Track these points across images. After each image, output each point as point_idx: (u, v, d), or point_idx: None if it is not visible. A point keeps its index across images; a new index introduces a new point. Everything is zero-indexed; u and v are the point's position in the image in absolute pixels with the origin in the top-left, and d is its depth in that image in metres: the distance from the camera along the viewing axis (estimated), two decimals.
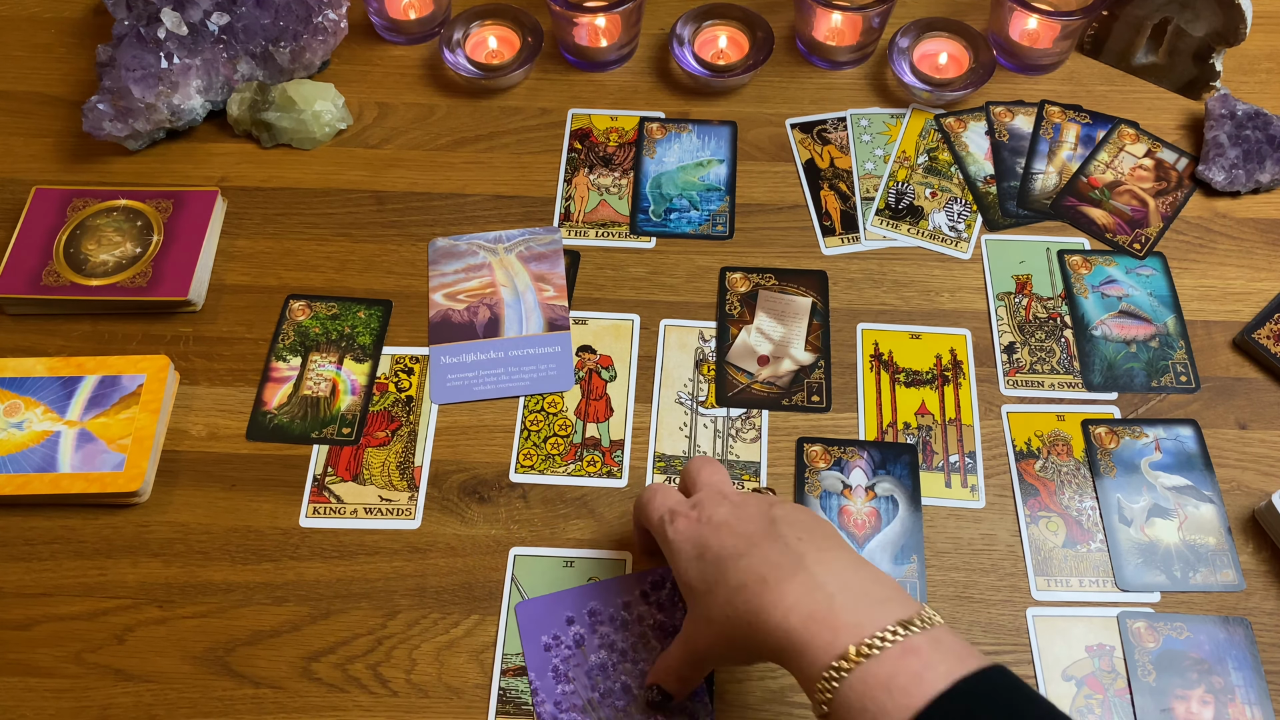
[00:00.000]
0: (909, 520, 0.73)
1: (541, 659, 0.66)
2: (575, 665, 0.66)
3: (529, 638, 0.67)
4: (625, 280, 0.84)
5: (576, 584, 0.70)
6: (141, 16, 0.87)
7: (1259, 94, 0.93)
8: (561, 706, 0.65)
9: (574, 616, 0.68)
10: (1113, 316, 0.82)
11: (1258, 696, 0.67)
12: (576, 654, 0.66)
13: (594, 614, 0.68)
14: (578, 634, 0.67)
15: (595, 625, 0.67)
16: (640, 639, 0.67)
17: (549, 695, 0.65)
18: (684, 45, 0.94)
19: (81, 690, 0.68)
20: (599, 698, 0.65)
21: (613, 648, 0.66)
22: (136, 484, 0.73)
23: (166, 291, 0.81)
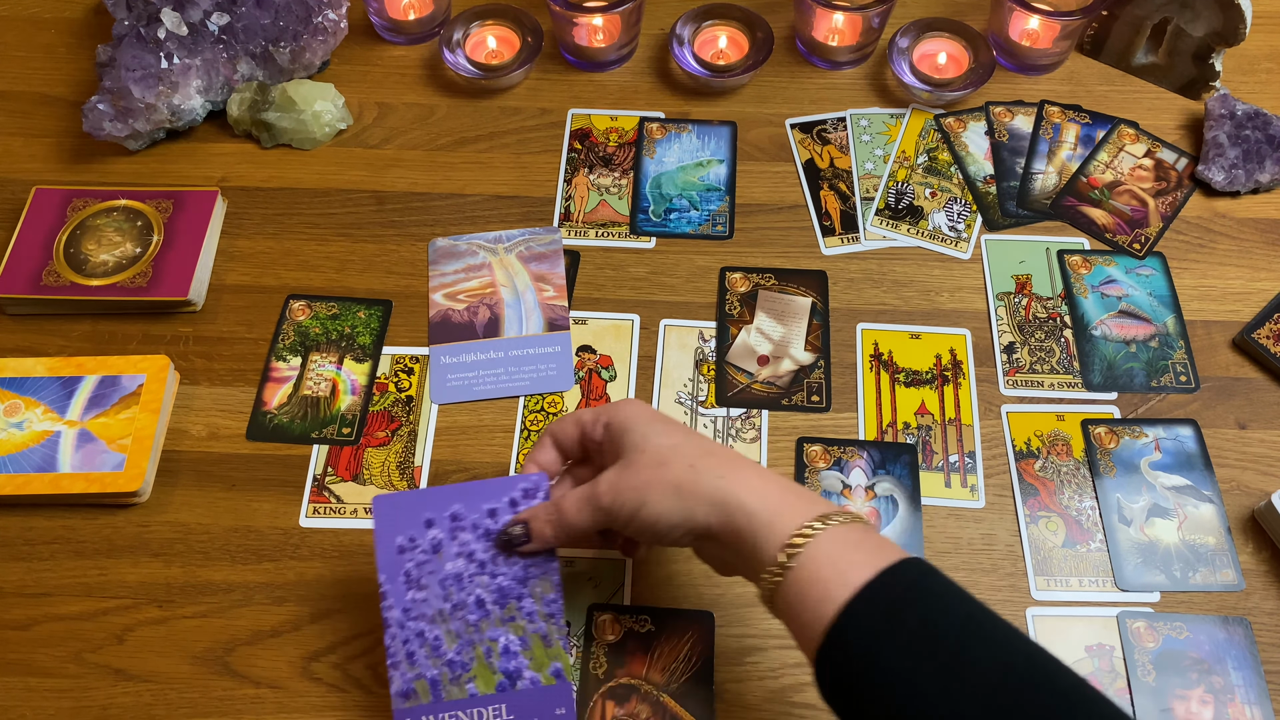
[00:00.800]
0: (909, 520, 0.73)
1: (394, 561, 0.62)
2: (429, 572, 0.62)
3: (383, 536, 0.63)
4: (625, 280, 0.84)
5: (575, 584, 0.70)
6: (141, 16, 0.87)
7: (1259, 94, 0.93)
8: (410, 614, 0.62)
9: (434, 519, 0.63)
10: (1112, 316, 0.82)
11: (1257, 696, 0.67)
12: (432, 560, 0.62)
13: (456, 519, 0.63)
14: (435, 539, 0.63)
15: (455, 532, 0.63)
16: (502, 552, 0.63)
17: (398, 601, 0.62)
18: (684, 45, 0.94)
19: (81, 690, 0.68)
20: (450, 609, 0.61)
21: (471, 557, 0.62)
22: (136, 484, 0.73)
23: (166, 291, 0.81)
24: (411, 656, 0.61)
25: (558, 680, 0.62)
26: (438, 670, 0.61)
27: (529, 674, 0.62)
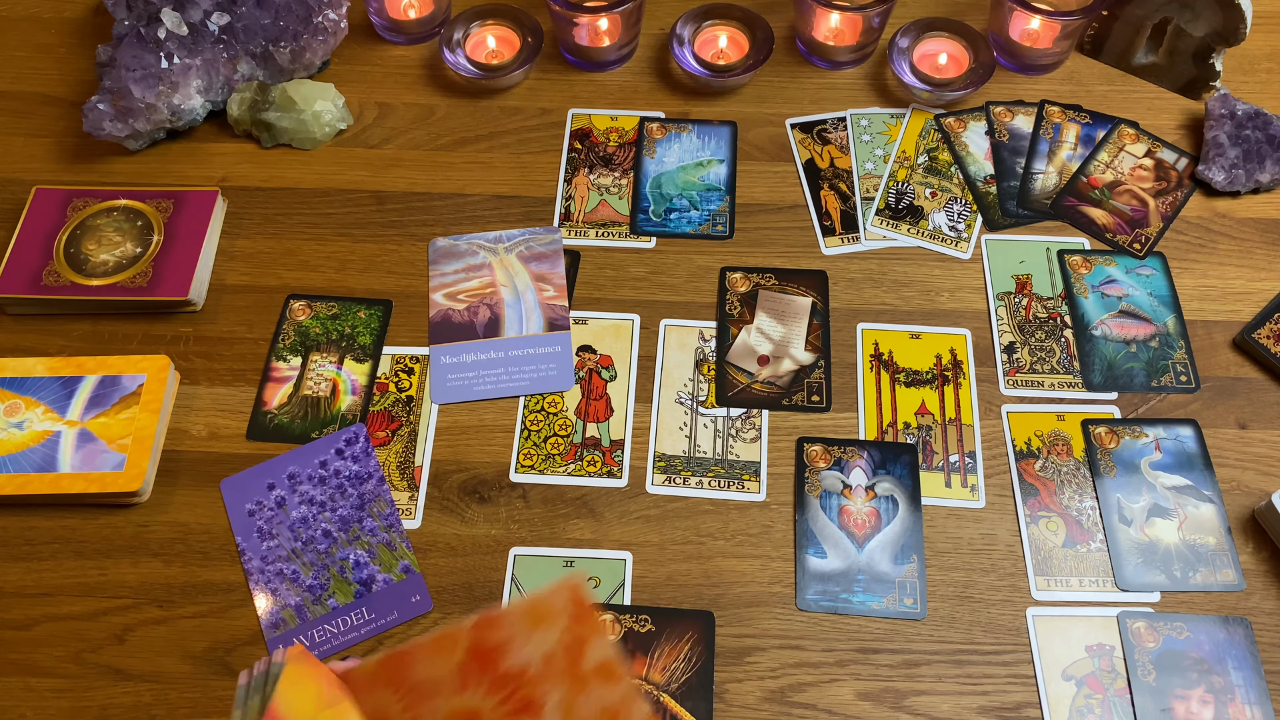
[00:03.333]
0: (909, 520, 0.73)
1: (246, 524, 0.72)
2: (278, 523, 0.72)
3: (233, 509, 0.72)
4: (625, 280, 0.84)
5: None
6: (142, 16, 0.87)
7: (1259, 94, 0.93)
8: (268, 560, 0.71)
9: (275, 482, 0.73)
10: (1113, 316, 0.82)
11: (1258, 696, 0.67)
12: (279, 513, 0.72)
13: (293, 476, 0.74)
14: (279, 496, 0.73)
15: (295, 486, 0.73)
16: (338, 490, 0.73)
17: (255, 552, 0.71)
18: (684, 45, 0.94)
19: (81, 690, 0.68)
20: (301, 545, 0.71)
21: (312, 502, 0.73)
22: (136, 484, 0.73)
23: (167, 291, 0.81)
24: (275, 593, 0.70)
25: (408, 575, 0.71)
26: (299, 597, 0.70)
27: (381, 576, 0.71)
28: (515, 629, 0.46)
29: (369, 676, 0.46)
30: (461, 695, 0.46)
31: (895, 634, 0.69)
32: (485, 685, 0.46)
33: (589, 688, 0.47)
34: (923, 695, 0.67)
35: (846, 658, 0.69)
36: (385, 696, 0.46)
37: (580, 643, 0.47)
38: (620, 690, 0.47)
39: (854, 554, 0.72)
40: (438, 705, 0.46)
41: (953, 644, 0.69)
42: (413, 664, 0.46)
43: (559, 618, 0.47)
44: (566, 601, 0.47)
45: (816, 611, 0.70)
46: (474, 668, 0.46)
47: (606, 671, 0.47)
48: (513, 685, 0.46)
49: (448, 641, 0.46)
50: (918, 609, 0.70)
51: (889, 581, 0.71)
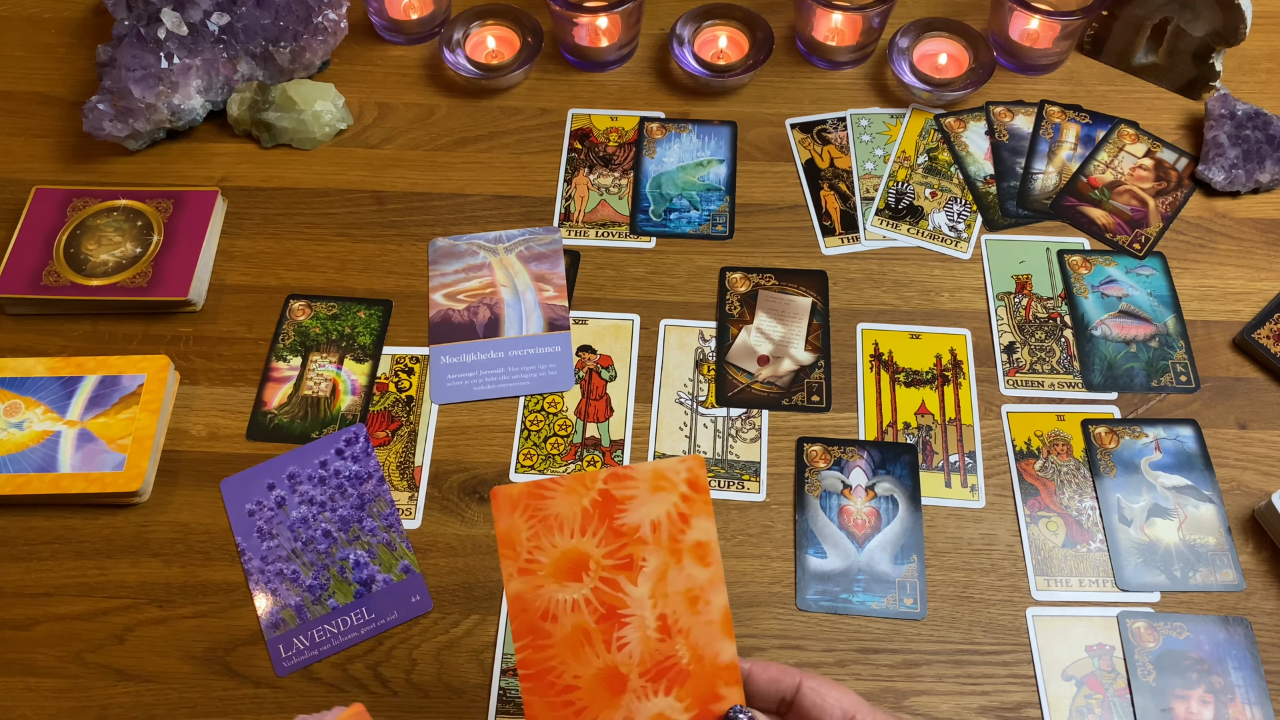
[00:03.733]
0: (909, 520, 0.73)
1: (246, 524, 0.72)
2: (278, 523, 0.72)
3: (233, 509, 0.72)
4: (625, 280, 0.84)
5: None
6: (141, 16, 0.87)
7: (1259, 94, 0.93)
8: (268, 560, 0.71)
9: (275, 482, 0.73)
10: (1113, 316, 0.82)
11: (1258, 696, 0.67)
12: (279, 513, 0.72)
13: (293, 476, 0.74)
14: (279, 496, 0.73)
15: (295, 486, 0.73)
16: (338, 490, 0.73)
17: (255, 552, 0.71)
18: (684, 45, 0.94)
19: (81, 690, 0.68)
20: (301, 545, 0.71)
21: (312, 502, 0.73)
22: (136, 484, 0.73)
23: (166, 291, 0.81)
24: (275, 593, 0.70)
25: (408, 575, 0.71)
26: (299, 597, 0.70)
27: (381, 576, 0.71)
28: (638, 487, 0.51)
29: (514, 497, 0.50)
30: (579, 538, 0.50)
31: (895, 634, 0.69)
32: (600, 534, 0.50)
33: (682, 562, 0.51)
34: (923, 695, 0.67)
35: (846, 658, 0.69)
36: (519, 520, 0.51)
37: (685, 518, 0.51)
38: (708, 574, 0.51)
39: (854, 554, 0.72)
40: (556, 541, 0.50)
41: (953, 644, 0.69)
42: (551, 496, 0.50)
43: (675, 488, 0.51)
44: (685, 475, 0.51)
45: (816, 611, 0.70)
46: (595, 514, 0.51)
47: (701, 552, 0.51)
48: (623, 540, 0.50)
49: (583, 482, 0.51)
50: (918, 609, 0.70)
51: (889, 581, 0.71)
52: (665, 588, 0.50)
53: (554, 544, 0.49)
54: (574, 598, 0.50)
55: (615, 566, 0.50)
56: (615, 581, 0.50)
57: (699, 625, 0.50)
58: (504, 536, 0.50)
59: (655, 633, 0.50)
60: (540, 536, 0.49)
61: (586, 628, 0.50)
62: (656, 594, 0.50)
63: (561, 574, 0.50)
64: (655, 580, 0.50)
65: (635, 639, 0.50)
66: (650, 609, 0.50)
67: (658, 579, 0.50)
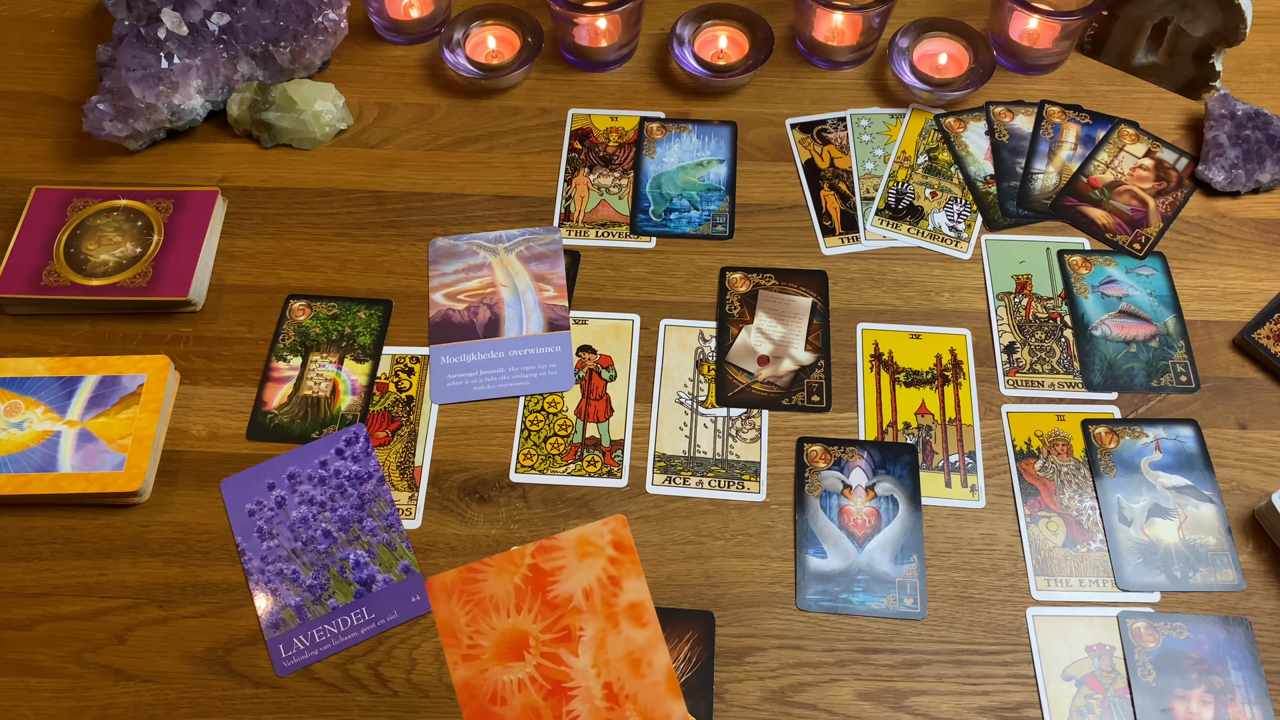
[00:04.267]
0: (909, 520, 0.73)
1: (246, 524, 0.72)
2: (278, 523, 0.72)
3: (234, 509, 0.73)
4: (625, 280, 0.84)
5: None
6: (142, 16, 0.87)
7: (1259, 94, 0.93)
8: (268, 560, 0.71)
9: (275, 482, 0.73)
10: (1113, 316, 0.82)
11: (1258, 696, 0.67)
12: (279, 513, 0.72)
13: (293, 476, 0.74)
14: (279, 496, 0.73)
15: (295, 486, 0.73)
16: (338, 490, 0.73)
17: (255, 552, 0.71)
18: (684, 45, 0.94)
19: (81, 690, 0.68)
20: (301, 545, 0.71)
21: (312, 502, 0.73)
22: (136, 484, 0.73)
23: (167, 291, 0.81)
24: (275, 593, 0.70)
25: (408, 575, 0.70)
26: (299, 597, 0.70)
27: (381, 576, 0.70)
28: (566, 556, 0.51)
29: (448, 585, 0.52)
30: (516, 616, 0.52)
31: (895, 634, 0.69)
32: (536, 609, 0.52)
33: (619, 626, 0.52)
34: (923, 695, 0.67)
35: (846, 658, 0.69)
36: (456, 607, 0.52)
37: (616, 581, 0.52)
38: (646, 635, 0.52)
39: (854, 554, 0.72)
40: (494, 623, 0.51)
41: (953, 644, 0.69)
42: (483, 579, 0.52)
43: (602, 551, 0.53)
44: (609, 537, 0.51)
45: (816, 611, 0.70)
46: (528, 590, 0.52)
47: (636, 613, 0.52)
48: (558, 612, 0.51)
49: (512, 560, 0.53)
50: (918, 609, 0.70)
51: (889, 581, 0.71)
52: (606, 654, 0.50)
53: (492, 626, 0.50)
54: (519, 677, 0.50)
55: (554, 640, 0.50)
56: (556, 655, 0.50)
57: (645, 688, 0.51)
58: (444, 625, 0.50)
59: (603, 702, 0.51)
60: (478, 620, 0.50)
61: (535, 706, 0.50)
62: (599, 662, 0.51)
63: (503, 655, 0.50)
64: (595, 648, 0.50)
65: (584, 711, 0.50)
66: (595, 678, 0.50)
67: (598, 646, 0.50)
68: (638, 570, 0.50)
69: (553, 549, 0.49)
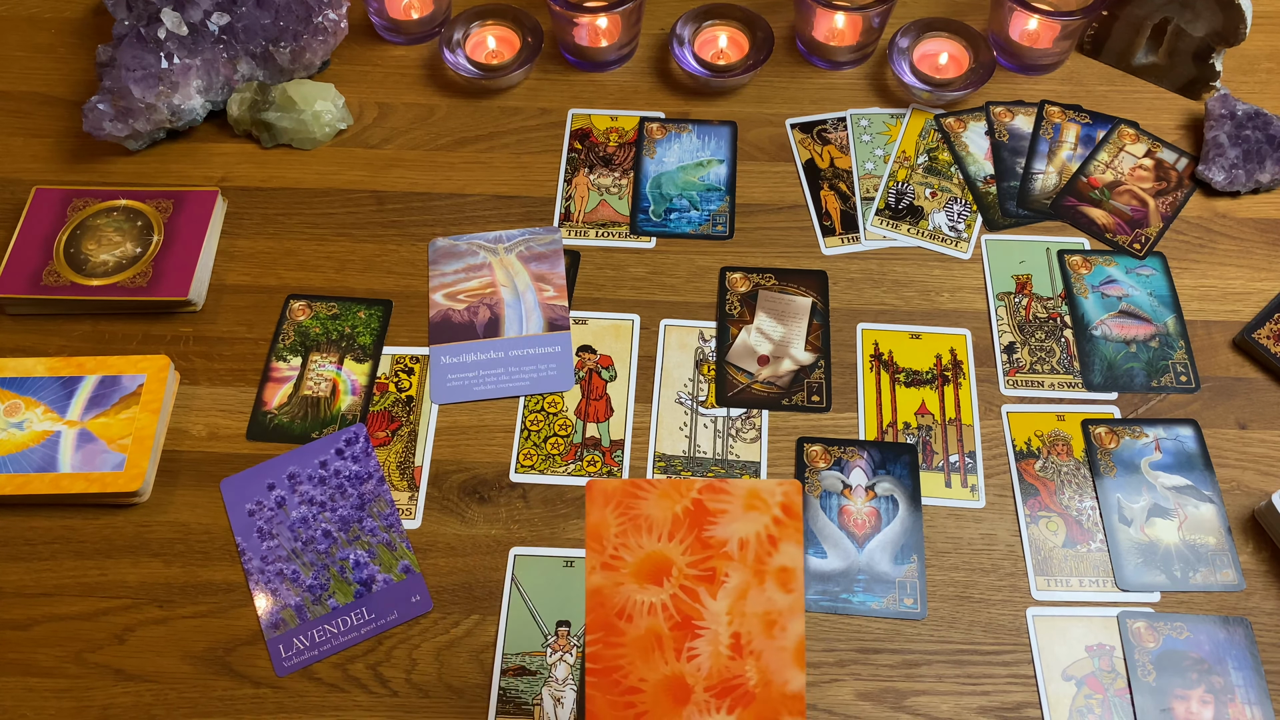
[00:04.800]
0: (909, 520, 0.73)
1: (246, 524, 0.72)
2: (278, 523, 0.72)
3: (234, 509, 0.73)
4: (625, 280, 0.84)
5: (578, 586, 0.70)
6: (141, 16, 0.87)
7: (1259, 94, 0.93)
8: (268, 560, 0.71)
9: (275, 482, 0.73)
10: (1113, 316, 0.82)
11: (1258, 696, 0.67)
12: (279, 513, 0.72)
13: (293, 476, 0.74)
14: (279, 496, 0.73)
15: (295, 486, 0.73)
16: (338, 490, 0.73)
17: (255, 552, 0.71)
18: (684, 45, 0.94)
19: (81, 690, 0.68)
20: (301, 545, 0.71)
21: (312, 502, 0.73)
22: (136, 484, 0.73)
23: (166, 291, 0.81)
24: (275, 593, 0.70)
25: (408, 575, 0.71)
26: (299, 597, 0.70)
27: (381, 576, 0.71)
28: (732, 502, 0.51)
29: (609, 492, 0.51)
30: (667, 543, 0.50)
31: (895, 634, 0.69)
32: (688, 543, 0.51)
33: (765, 584, 0.51)
34: (923, 695, 0.67)
35: (846, 658, 0.69)
36: (610, 515, 0.51)
37: (774, 541, 0.51)
38: (789, 600, 0.51)
39: (854, 554, 0.72)
40: (643, 542, 0.50)
41: (953, 644, 0.69)
42: (645, 497, 0.51)
43: (769, 509, 0.51)
44: (780, 498, 0.51)
45: (816, 611, 0.70)
46: (686, 522, 0.51)
47: (785, 577, 0.51)
48: (709, 552, 0.51)
49: (678, 489, 0.51)
50: (918, 609, 0.70)
51: (889, 581, 0.71)
52: (744, 607, 0.50)
53: (640, 544, 0.49)
54: (652, 600, 0.50)
55: (697, 577, 0.50)
56: (695, 592, 0.50)
57: (772, 650, 0.50)
58: (593, 529, 0.50)
59: (727, 650, 0.50)
60: (628, 535, 0.49)
61: (660, 633, 0.50)
62: (734, 611, 0.50)
63: (643, 575, 0.50)
64: (735, 598, 0.50)
65: (706, 652, 0.50)
66: (725, 625, 0.50)
67: (737, 596, 0.50)
68: (798, 538, 0.50)
69: (721, 491, 0.49)
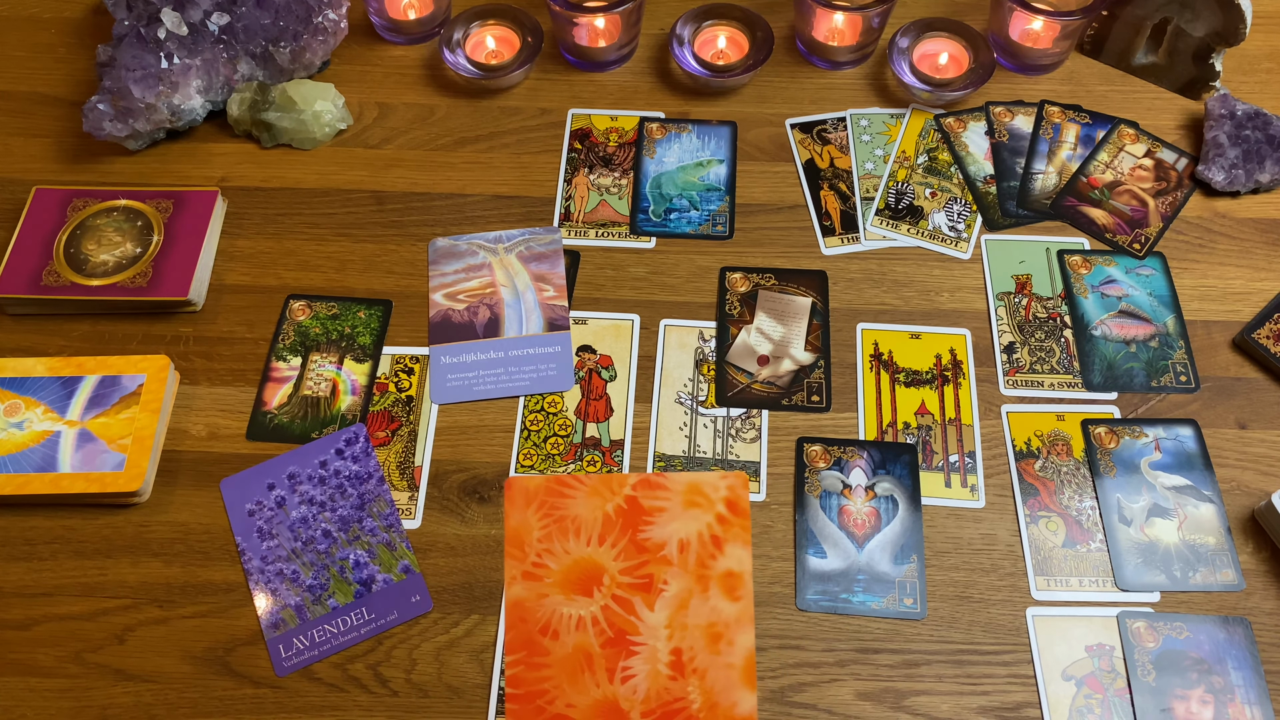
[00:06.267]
0: (909, 520, 0.73)
1: (246, 524, 0.72)
2: (278, 523, 0.72)
3: (234, 509, 0.72)
4: (625, 280, 0.84)
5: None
6: (141, 16, 0.87)
7: (1259, 94, 0.93)
8: (268, 560, 0.71)
9: (275, 482, 0.73)
10: (1113, 316, 0.82)
11: (1257, 696, 0.67)
12: (279, 513, 0.72)
13: (293, 476, 0.74)
14: (279, 496, 0.73)
15: (295, 486, 0.73)
16: (338, 490, 0.73)
17: (255, 552, 0.71)
18: (684, 45, 0.94)
19: (81, 690, 0.68)
20: (301, 545, 0.71)
21: (312, 502, 0.73)
22: (136, 484, 0.73)
23: (167, 291, 0.81)
24: (275, 593, 0.70)
25: (408, 575, 0.70)
26: (299, 597, 0.70)
27: (381, 576, 0.70)
28: (670, 499, 0.46)
29: (531, 491, 0.46)
30: (597, 547, 0.46)
31: (895, 634, 0.69)
32: (621, 547, 0.46)
33: (709, 592, 0.46)
34: (923, 695, 0.67)
35: (846, 658, 0.69)
36: (532, 517, 0.46)
37: (719, 542, 0.46)
38: (736, 610, 0.46)
39: (854, 554, 0.72)
40: (570, 548, 0.47)
41: (953, 644, 0.69)
42: (571, 496, 0.46)
43: (712, 506, 0.45)
44: (724, 493, 0.46)
45: (816, 611, 0.70)
46: (619, 523, 0.46)
47: (731, 584, 0.46)
48: (644, 557, 0.46)
49: (609, 485, 0.46)
50: (918, 609, 0.70)
51: (889, 581, 0.71)
52: (685, 618, 0.44)
53: (567, 549, 0.44)
54: (581, 614, 0.44)
55: (632, 585, 0.44)
56: (630, 603, 0.44)
57: (718, 667, 0.44)
58: (513, 533, 0.45)
59: (667, 668, 0.44)
60: (554, 539, 0.44)
61: (590, 650, 0.44)
62: (674, 624, 0.44)
63: (571, 585, 0.44)
64: (675, 608, 0.44)
65: (643, 672, 0.44)
66: (665, 640, 0.44)
67: (678, 607, 0.44)
68: (745, 539, 0.44)
69: (658, 487, 0.44)
